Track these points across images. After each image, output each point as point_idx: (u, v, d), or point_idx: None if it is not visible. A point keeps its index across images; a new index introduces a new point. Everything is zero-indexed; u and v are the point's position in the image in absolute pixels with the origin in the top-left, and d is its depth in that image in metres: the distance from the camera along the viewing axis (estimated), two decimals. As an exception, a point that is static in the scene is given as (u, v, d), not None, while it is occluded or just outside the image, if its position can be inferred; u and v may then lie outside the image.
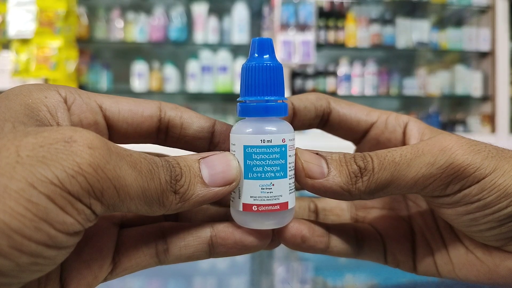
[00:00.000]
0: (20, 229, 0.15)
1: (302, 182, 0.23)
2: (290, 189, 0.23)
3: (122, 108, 0.23)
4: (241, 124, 0.23)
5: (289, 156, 0.23)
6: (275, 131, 0.22)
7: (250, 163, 0.22)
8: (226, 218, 0.25)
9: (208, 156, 0.22)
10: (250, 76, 0.22)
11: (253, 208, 0.22)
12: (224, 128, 0.25)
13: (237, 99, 0.23)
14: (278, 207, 0.22)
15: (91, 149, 0.16)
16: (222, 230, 0.23)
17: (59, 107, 0.21)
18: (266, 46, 0.23)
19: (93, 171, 0.16)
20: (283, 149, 0.22)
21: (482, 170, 0.21)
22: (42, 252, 0.15)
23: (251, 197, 0.22)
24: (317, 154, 0.23)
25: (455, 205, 0.22)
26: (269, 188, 0.22)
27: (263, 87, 0.22)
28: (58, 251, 0.16)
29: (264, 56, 0.23)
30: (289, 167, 0.23)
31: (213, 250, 0.23)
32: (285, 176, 0.22)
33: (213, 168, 0.21)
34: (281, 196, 0.22)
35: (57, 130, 0.17)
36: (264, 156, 0.22)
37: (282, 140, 0.22)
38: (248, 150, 0.22)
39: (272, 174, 0.22)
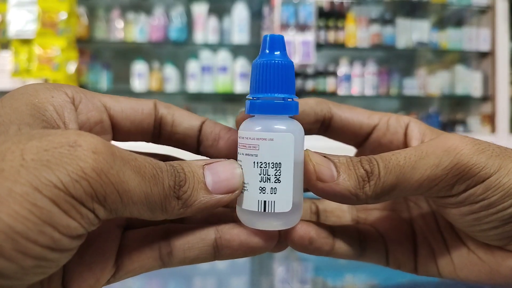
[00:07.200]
0: (25, 233, 0.15)
1: (312, 184, 0.22)
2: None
3: (124, 107, 0.23)
4: (249, 121, 0.23)
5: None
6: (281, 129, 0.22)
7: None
8: (232, 218, 0.24)
9: (213, 163, 0.22)
10: (259, 73, 0.22)
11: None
12: (212, 126, 0.25)
13: (246, 97, 0.23)
14: None
15: (95, 154, 0.16)
16: (227, 232, 0.22)
17: (65, 106, 0.21)
18: (278, 43, 0.22)
19: (97, 175, 0.16)
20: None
21: (487, 169, 0.21)
22: (46, 255, 0.16)
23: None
24: (325, 157, 0.22)
25: (459, 205, 0.22)
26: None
27: (272, 84, 0.22)
28: (61, 254, 0.16)
29: (275, 53, 0.22)
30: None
31: (218, 252, 0.22)
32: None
33: (217, 175, 0.21)
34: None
35: (61, 134, 0.17)
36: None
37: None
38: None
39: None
